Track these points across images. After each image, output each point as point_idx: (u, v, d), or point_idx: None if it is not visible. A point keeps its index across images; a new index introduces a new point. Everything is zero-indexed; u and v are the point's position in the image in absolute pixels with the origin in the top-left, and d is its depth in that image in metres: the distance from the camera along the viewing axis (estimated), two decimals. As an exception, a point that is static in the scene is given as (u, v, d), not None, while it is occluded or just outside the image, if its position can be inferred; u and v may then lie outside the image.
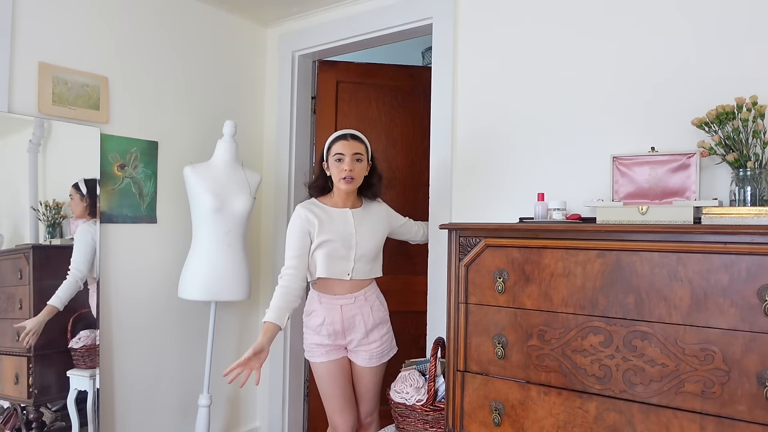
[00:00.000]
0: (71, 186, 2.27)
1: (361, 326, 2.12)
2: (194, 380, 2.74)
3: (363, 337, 2.13)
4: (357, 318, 2.12)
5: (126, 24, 2.48)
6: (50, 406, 2.23)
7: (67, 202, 2.25)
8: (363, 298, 2.14)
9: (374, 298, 2.18)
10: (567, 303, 1.58)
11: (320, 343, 2.13)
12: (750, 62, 1.76)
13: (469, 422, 1.75)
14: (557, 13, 2.15)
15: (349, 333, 2.13)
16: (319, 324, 2.11)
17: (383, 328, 2.18)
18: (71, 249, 2.28)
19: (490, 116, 2.29)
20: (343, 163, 2.06)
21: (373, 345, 2.15)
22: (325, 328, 2.11)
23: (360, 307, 2.13)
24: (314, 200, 2.17)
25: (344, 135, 2.11)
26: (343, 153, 2.07)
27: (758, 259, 1.32)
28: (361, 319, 2.12)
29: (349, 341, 2.14)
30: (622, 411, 1.48)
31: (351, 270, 2.10)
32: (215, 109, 2.85)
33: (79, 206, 2.27)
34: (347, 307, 2.11)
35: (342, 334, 2.12)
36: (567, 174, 2.09)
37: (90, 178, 2.32)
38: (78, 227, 2.28)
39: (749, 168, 1.57)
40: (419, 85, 3.00)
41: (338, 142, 2.10)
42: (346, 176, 2.06)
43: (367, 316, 2.13)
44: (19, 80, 2.14)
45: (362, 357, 2.16)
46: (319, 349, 2.14)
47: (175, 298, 2.58)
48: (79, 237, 2.28)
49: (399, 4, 2.58)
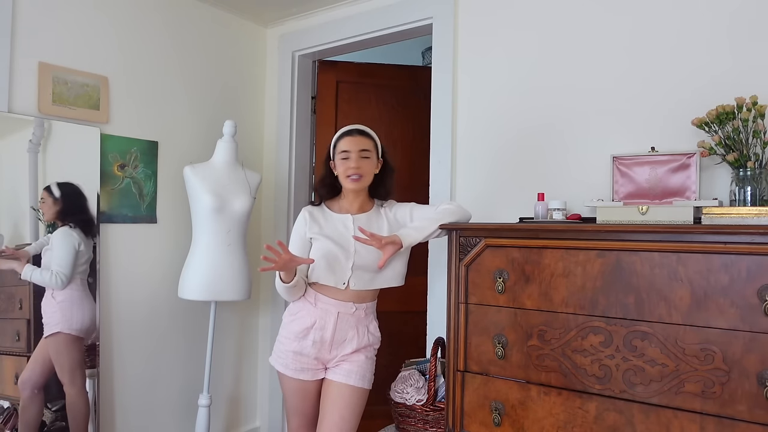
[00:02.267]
0: (43, 189, 2.21)
1: (353, 342, 1.90)
2: (194, 380, 2.74)
3: (350, 353, 1.90)
4: (351, 333, 1.90)
5: (126, 24, 2.48)
6: (50, 406, 2.23)
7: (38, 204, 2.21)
8: (363, 312, 1.93)
9: (373, 318, 1.99)
10: (567, 303, 1.58)
11: (299, 352, 1.89)
12: (750, 62, 1.77)
13: (469, 422, 1.75)
14: (557, 13, 2.15)
15: (337, 347, 1.89)
16: (306, 327, 1.88)
17: (371, 351, 1.96)
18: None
19: (490, 116, 2.29)
20: (350, 161, 1.90)
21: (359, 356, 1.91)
22: (312, 334, 1.87)
23: (357, 321, 1.91)
24: (322, 205, 2.02)
25: (350, 131, 1.96)
26: (348, 150, 1.91)
27: (758, 259, 1.32)
28: (355, 334, 1.90)
29: (332, 357, 1.90)
30: (622, 411, 1.48)
31: (347, 279, 1.88)
32: (215, 109, 2.85)
33: (51, 209, 2.22)
34: (344, 317, 1.89)
35: (329, 346, 1.88)
36: (567, 174, 2.09)
37: (63, 182, 2.26)
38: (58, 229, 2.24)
39: (749, 168, 1.57)
40: (419, 85, 2.99)
41: (344, 138, 1.95)
42: (352, 174, 1.90)
43: (362, 335, 1.92)
44: (19, 80, 2.14)
45: (341, 371, 1.89)
46: (292, 361, 1.89)
47: (175, 298, 2.58)
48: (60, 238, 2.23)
49: (399, 4, 2.58)
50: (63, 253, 2.23)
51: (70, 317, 2.24)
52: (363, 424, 2.48)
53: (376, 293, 2.00)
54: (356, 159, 1.90)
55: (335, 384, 1.89)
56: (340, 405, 1.86)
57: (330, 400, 1.88)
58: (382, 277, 1.93)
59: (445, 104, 2.39)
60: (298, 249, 1.94)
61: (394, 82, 3.10)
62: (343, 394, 1.87)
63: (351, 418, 1.87)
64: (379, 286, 1.95)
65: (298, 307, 1.94)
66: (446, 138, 2.38)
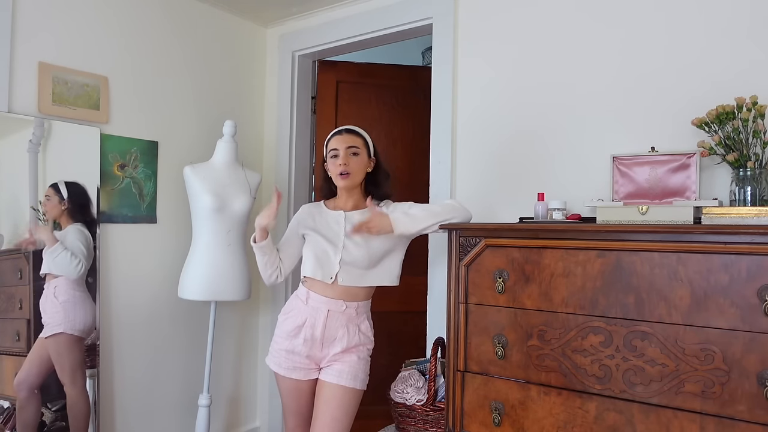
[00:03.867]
0: (49, 186, 2.20)
1: (343, 341, 1.90)
2: (194, 380, 2.74)
3: (341, 352, 1.90)
4: (341, 331, 1.90)
5: (126, 24, 2.48)
6: (50, 406, 2.23)
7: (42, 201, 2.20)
8: (354, 311, 1.93)
9: (365, 318, 1.97)
10: (567, 303, 1.58)
11: (291, 350, 1.92)
12: (750, 62, 1.76)
13: (469, 422, 1.75)
14: (557, 13, 2.15)
15: (328, 345, 1.90)
16: (297, 325, 1.91)
17: (364, 351, 1.95)
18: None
19: (490, 116, 2.29)
20: (338, 158, 1.95)
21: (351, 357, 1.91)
22: (303, 332, 1.90)
23: (348, 319, 1.92)
24: (320, 202, 2.09)
25: (339, 130, 2.01)
26: (337, 148, 1.96)
27: (758, 259, 1.32)
28: (345, 333, 1.91)
29: (324, 356, 1.92)
30: (622, 411, 1.48)
31: (335, 275, 1.90)
32: (215, 109, 2.85)
33: (56, 209, 2.21)
34: (334, 315, 1.90)
35: (320, 344, 1.90)
36: (567, 174, 2.09)
37: (71, 182, 2.26)
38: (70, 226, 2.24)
39: (749, 168, 1.57)
40: (419, 85, 2.99)
41: (333, 137, 2.00)
42: (342, 171, 1.93)
43: (353, 334, 1.92)
44: (19, 80, 2.14)
45: (333, 371, 1.90)
46: (285, 360, 1.93)
47: (175, 298, 2.58)
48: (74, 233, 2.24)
49: (399, 4, 2.58)
50: (79, 245, 2.25)
51: (73, 318, 2.23)
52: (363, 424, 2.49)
53: (370, 292, 2.00)
54: (344, 156, 1.94)
55: (327, 384, 1.90)
56: (332, 405, 1.87)
57: (322, 400, 1.89)
58: (372, 274, 1.95)
59: (445, 104, 2.39)
60: (286, 235, 2.08)
61: (394, 82, 3.10)
62: (335, 394, 1.88)
63: (343, 419, 1.87)
64: (370, 284, 1.95)
65: (291, 306, 1.99)
66: (446, 138, 2.38)
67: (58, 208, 2.22)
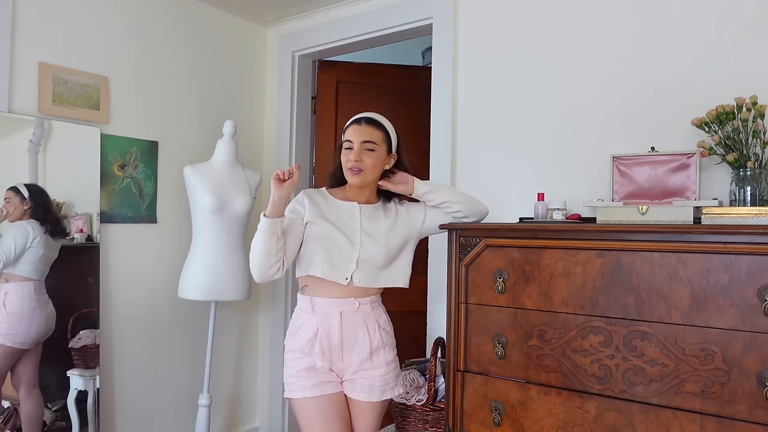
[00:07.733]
0: (7, 189, 2.11)
1: (365, 343, 1.71)
2: (194, 380, 2.74)
3: (365, 359, 1.72)
4: (360, 332, 1.71)
5: (126, 24, 2.48)
6: (50, 406, 2.23)
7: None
8: (369, 307, 1.75)
9: (381, 311, 1.80)
10: (567, 303, 1.58)
11: (312, 366, 1.69)
12: (750, 62, 1.77)
13: (469, 422, 1.74)
14: (557, 13, 2.15)
15: (349, 352, 1.71)
16: (310, 338, 1.70)
17: (390, 353, 1.78)
18: (71, 248, 2.28)
19: (490, 116, 2.29)
20: (350, 153, 1.72)
21: (377, 371, 1.74)
22: (318, 342, 1.69)
23: (365, 317, 1.73)
24: (323, 189, 1.84)
25: (358, 119, 1.78)
26: (351, 140, 1.73)
27: (758, 259, 1.32)
28: (365, 333, 1.72)
29: (346, 366, 1.72)
30: (622, 411, 1.48)
31: (350, 274, 1.70)
32: (215, 109, 2.85)
33: (19, 209, 2.13)
34: (349, 315, 1.71)
35: (339, 353, 1.70)
36: (567, 174, 2.09)
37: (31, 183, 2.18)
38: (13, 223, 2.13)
39: (749, 168, 1.57)
40: (419, 85, 2.99)
41: (350, 126, 1.77)
42: (352, 167, 1.71)
43: (374, 332, 1.73)
44: (19, 80, 2.14)
45: (361, 387, 1.73)
46: (308, 379, 1.68)
47: (175, 298, 2.58)
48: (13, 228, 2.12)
49: (399, 4, 2.58)
50: (9, 240, 2.11)
51: (15, 331, 2.13)
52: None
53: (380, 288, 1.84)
54: (357, 152, 1.71)
55: (357, 404, 1.76)
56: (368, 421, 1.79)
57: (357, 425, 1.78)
58: (386, 274, 1.78)
59: (445, 104, 2.39)
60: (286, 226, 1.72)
61: (394, 82, 3.10)
62: (366, 410, 1.78)
63: (377, 425, 1.82)
64: (384, 284, 1.78)
65: (298, 323, 1.76)
66: (446, 138, 2.38)
67: (21, 208, 2.14)
